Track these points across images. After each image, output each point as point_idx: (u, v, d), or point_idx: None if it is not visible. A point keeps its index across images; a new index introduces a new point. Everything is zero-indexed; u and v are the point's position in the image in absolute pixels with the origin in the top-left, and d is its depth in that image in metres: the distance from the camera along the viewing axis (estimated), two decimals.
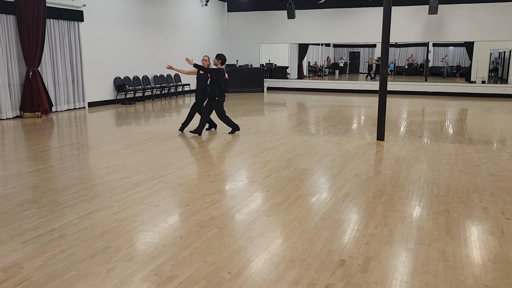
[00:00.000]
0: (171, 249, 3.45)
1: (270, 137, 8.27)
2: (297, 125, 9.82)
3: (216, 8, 19.27)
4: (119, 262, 3.23)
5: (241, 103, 14.39)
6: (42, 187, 5.10)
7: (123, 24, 13.98)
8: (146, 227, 3.90)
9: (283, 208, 4.41)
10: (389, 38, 7.65)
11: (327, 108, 13.08)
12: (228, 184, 5.28)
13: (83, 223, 3.97)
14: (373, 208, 4.42)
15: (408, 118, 10.94)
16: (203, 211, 4.30)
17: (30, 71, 10.72)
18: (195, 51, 17.93)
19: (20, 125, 9.75)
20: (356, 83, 19.82)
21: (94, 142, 7.86)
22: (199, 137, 8.25)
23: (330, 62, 27.03)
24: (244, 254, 3.38)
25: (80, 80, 12.55)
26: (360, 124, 10.24)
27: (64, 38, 11.93)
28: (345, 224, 3.98)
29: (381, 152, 7.11)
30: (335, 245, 3.53)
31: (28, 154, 6.80)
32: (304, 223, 4.01)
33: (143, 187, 5.07)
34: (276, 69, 20.79)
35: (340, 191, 4.96)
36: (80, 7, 12.21)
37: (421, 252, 3.42)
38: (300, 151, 7.07)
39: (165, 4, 15.99)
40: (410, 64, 26.11)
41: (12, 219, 4.08)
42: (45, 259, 3.27)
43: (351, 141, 7.96)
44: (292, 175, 5.67)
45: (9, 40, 10.47)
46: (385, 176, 5.59)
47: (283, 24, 18.85)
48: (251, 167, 6.10)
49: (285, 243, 3.58)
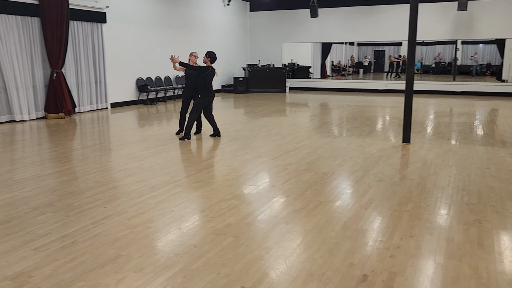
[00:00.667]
0: (184, 259, 3.31)
1: (291, 139, 8.07)
2: (319, 127, 9.57)
3: (238, 8, 19.16)
4: (129, 272, 3.11)
5: (262, 103, 14.22)
6: (59, 190, 5.05)
7: (146, 25, 14.03)
8: (159, 234, 3.77)
9: (303, 216, 4.21)
10: (415, 36, 7.32)
11: (350, 109, 12.76)
12: (246, 189, 5.12)
13: (96, 229, 3.88)
14: (398, 217, 4.16)
15: (435, 119, 10.52)
16: (219, 218, 4.15)
17: (54, 73, 10.85)
18: (216, 51, 17.83)
19: (44, 126, 9.86)
20: (381, 82, 19.35)
21: (114, 143, 7.84)
22: (218, 139, 8.11)
23: (354, 61, 26.55)
24: (259, 265, 3.21)
25: (103, 81, 12.65)
26: (385, 125, 9.90)
27: (87, 39, 12.03)
28: (367, 234, 3.75)
29: (407, 155, 6.80)
30: (356, 258, 3.31)
31: (49, 156, 6.81)
32: (324, 232, 3.80)
33: (159, 191, 4.96)
34: (298, 68, 20.53)
35: (362, 198, 4.72)
36: (103, 9, 12.29)
37: (451, 267, 3.16)
38: (322, 154, 6.84)
39: (187, 5, 15.97)
40: (437, 62, 25.37)
41: (26, 224, 4.03)
42: (55, 268, 3.18)
43: (375, 143, 7.67)
44: (313, 179, 5.46)
45: (33, 42, 10.61)
46: (411, 182, 5.31)
47: (306, 23, 18.57)
48: (271, 170, 5.92)
49: (303, 254, 3.38)
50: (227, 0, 18.03)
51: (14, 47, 10.12)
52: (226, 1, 18.04)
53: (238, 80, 17.91)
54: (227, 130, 9.11)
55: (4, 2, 9.74)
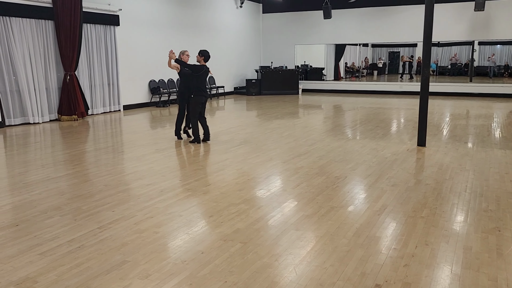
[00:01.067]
0: (191, 265, 3.23)
1: (303, 142, 7.95)
2: (332, 129, 9.43)
3: (251, 10, 19.11)
4: (135, 279, 3.04)
5: (275, 105, 14.12)
6: (68, 193, 5.03)
7: (158, 27, 14.06)
8: (166, 240, 3.70)
9: (313, 221, 4.10)
10: (431, 37, 7.15)
11: (364, 111, 12.58)
12: (256, 193, 5.02)
13: (103, 234, 3.83)
14: (413, 223, 4.02)
15: (451, 122, 10.29)
16: (228, 223, 4.06)
17: (68, 75, 10.92)
18: (229, 53, 17.84)
19: (57, 128, 9.92)
20: (395, 84, 19.08)
21: (125, 146, 7.83)
22: (229, 142, 8.04)
23: (368, 63, 26.28)
24: (267, 274, 3.11)
25: (116, 83, 12.70)
26: (400, 128, 9.71)
27: (100, 42, 12.09)
28: (381, 242, 3.62)
29: (422, 159, 6.63)
30: (369, 267, 3.19)
31: (60, 158, 6.82)
32: (336, 239, 3.69)
33: (168, 195, 4.90)
34: (311, 70, 20.37)
35: (376, 203, 4.59)
36: (116, 12, 12.35)
37: (468, 278, 3.02)
38: (334, 157, 6.71)
39: (200, 7, 15.97)
40: (453, 64, 24.93)
41: (34, 228, 4.00)
42: (60, 273, 3.13)
43: (389, 146, 7.50)
44: (324, 183, 5.34)
45: (47, 45, 10.70)
46: (427, 187, 5.15)
47: (319, 24, 18.42)
48: (281, 174, 5.81)
49: (313, 262, 3.27)
50: (239, 2, 18.00)
51: (28, 50, 10.22)
52: (239, 3, 18.02)
53: (251, 82, 17.85)
54: (238, 132, 9.03)
55: (19, 5, 9.84)
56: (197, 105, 7.79)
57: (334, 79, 22.20)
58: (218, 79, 17.10)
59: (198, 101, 7.77)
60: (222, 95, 17.49)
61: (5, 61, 9.82)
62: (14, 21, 9.85)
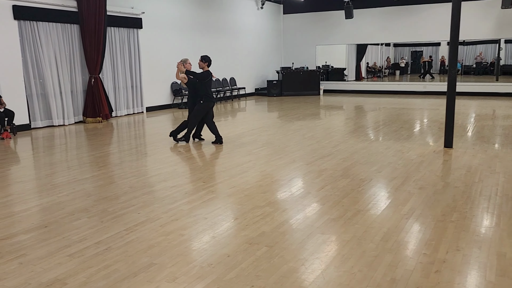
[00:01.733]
0: (217, 269, 3.22)
1: (326, 144, 7.87)
2: (355, 130, 9.31)
3: (272, 11, 19.08)
4: (162, 282, 3.04)
5: (296, 106, 14.05)
6: (94, 195, 5.10)
7: (180, 30, 14.18)
8: (192, 242, 3.71)
9: (340, 225, 4.04)
10: (458, 36, 6.98)
11: (387, 112, 12.39)
12: (280, 195, 4.99)
13: (129, 236, 3.86)
14: (442, 228, 3.92)
15: (478, 122, 10.03)
16: (253, 226, 4.04)
17: (92, 78, 11.11)
18: (250, 54, 17.86)
19: (82, 130, 10.11)
20: (419, 84, 18.75)
21: (148, 147, 7.90)
22: (252, 144, 8.02)
23: (390, 63, 25.90)
24: (295, 278, 3.07)
25: (139, 85, 12.87)
26: (425, 129, 9.51)
27: (124, 45, 12.27)
28: (410, 247, 3.54)
29: (450, 161, 6.47)
30: (399, 273, 3.11)
31: (86, 160, 6.93)
32: (363, 243, 3.62)
33: (192, 197, 4.92)
34: (333, 71, 20.21)
35: (403, 207, 4.49)
36: (139, 15, 12.51)
37: (503, 286, 2.92)
38: (358, 159, 6.62)
39: (221, 9, 16.04)
40: (478, 63, 24.35)
41: (62, 229, 4.07)
42: (89, 275, 3.16)
43: (414, 148, 7.36)
44: (349, 186, 5.26)
45: (73, 48, 10.92)
46: (456, 190, 5.02)
47: (341, 24, 18.26)
48: (305, 176, 5.76)
49: (341, 267, 3.22)
50: (260, 4, 18.00)
51: (54, 54, 10.44)
52: (260, 5, 18.02)
53: (272, 83, 17.81)
54: (260, 134, 9.01)
55: (46, 10, 10.06)
56: (205, 110, 7.84)
57: (355, 80, 21.96)
58: (239, 80, 17.13)
59: (207, 106, 7.83)
60: (243, 96, 17.51)
61: (32, 65, 10.06)
62: (41, 26, 10.08)
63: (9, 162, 6.90)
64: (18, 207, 4.72)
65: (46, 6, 10.06)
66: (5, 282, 3.09)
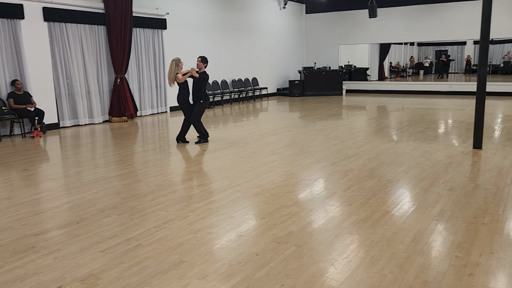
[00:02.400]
0: (246, 267, 3.24)
1: (351, 144, 7.80)
2: (379, 131, 9.20)
3: (294, 10, 19.03)
4: (192, 279, 3.08)
5: (318, 106, 13.97)
6: (123, 192, 5.19)
7: (203, 30, 14.29)
8: (220, 240, 3.74)
9: (368, 226, 4.00)
10: (489, 34, 6.81)
11: (411, 112, 12.19)
12: (307, 195, 4.97)
13: (158, 233, 3.92)
14: (474, 230, 3.84)
15: (507, 123, 9.77)
16: (280, 225, 4.04)
17: (118, 78, 11.31)
18: (272, 54, 17.85)
19: (108, 129, 10.30)
20: (444, 84, 18.38)
21: (173, 147, 7.99)
22: (276, 143, 8.02)
23: (414, 62, 25.46)
24: (325, 279, 3.06)
25: (163, 85, 13.03)
26: (452, 129, 9.33)
27: (148, 45, 12.45)
28: (441, 249, 3.48)
29: (479, 162, 6.33)
30: (431, 275, 3.06)
31: (113, 159, 7.07)
32: (393, 245, 3.58)
33: (218, 196, 4.95)
34: (355, 70, 20.01)
35: (433, 208, 4.42)
36: (163, 15, 12.67)
37: None
38: (384, 160, 6.54)
39: (244, 9, 16.09)
40: (506, 62, 23.67)
41: (94, 225, 4.16)
42: (121, 271, 3.22)
43: (442, 149, 7.22)
44: (376, 187, 5.21)
45: (99, 49, 11.14)
46: (487, 192, 4.91)
47: (364, 23, 18.07)
48: (331, 176, 5.73)
49: (371, 268, 3.19)
50: (283, 3, 17.98)
51: (82, 54, 10.67)
52: (282, 4, 18.00)
53: (294, 83, 17.77)
54: (284, 134, 9.01)
55: (74, 12, 10.29)
56: (204, 108, 8.18)
57: (378, 79, 21.69)
58: (261, 80, 17.15)
59: (206, 105, 8.16)
60: (265, 96, 17.52)
61: (61, 65, 10.31)
62: (70, 27, 10.32)
63: (40, 160, 7.09)
64: (50, 203, 4.85)
65: (74, 8, 10.29)
66: (41, 276, 3.18)
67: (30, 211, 4.60)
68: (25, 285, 3.05)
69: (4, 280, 3.13)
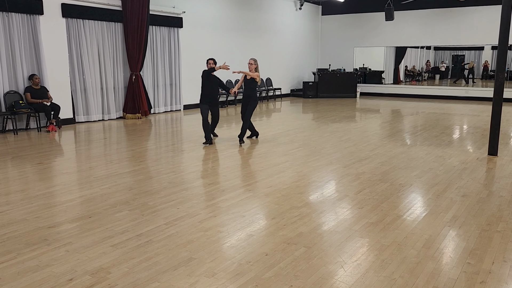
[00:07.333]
0: (255, 267, 3.24)
1: (363, 147, 7.75)
2: (393, 134, 9.12)
3: (310, 12, 18.98)
4: (201, 277, 3.09)
5: (332, 108, 13.91)
6: (135, 188, 5.24)
7: (219, 29, 14.33)
8: (230, 239, 3.74)
9: (379, 229, 3.97)
10: (507, 39, 6.70)
11: (426, 116, 12.06)
12: (318, 196, 4.96)
13: (169, 230, 3.94)
14: (488, 237, 3.78)
15: None
16: (290, 226, 4.04)
17: (133, 75, 11.41)
18: (287, 55, 17.83)
19: (122, 125, 10.40)
20: (460, 89, 18.13)
21: (186, 144, 8.04)
22: (288, 144, 8.01)
23: (430, 66, 25.19)
24: (334, 281, 3.04)
25: (178, 83, 13.11)
26: (467, 135, 9.20)
27: (164, 43, 12.53)
28: (453, 255, 3.44)
29: (494, 169, 6.23)
30: (442, 281, 3.03)
31: (126, 155, 7.13)
32: (404, 249, 3.54)
33: (230, 195, 4.96)
34: (370, 73, 19.87)
35: (446, 214, 4.36)
36: (180, 14, 12.74)
37: None
38: (397, 164, 6.48)
39: (260, 9, 16.10)
40: None
41: (105, 220, 4.20)
42: (131, 266, 3.25)
43: (456, 154, 7.13)
44: (388, 191, 5.16)
45: (116, 46, 11.25)
46: (501, 199, 4.83)
47: (380, 26, 17.93)
48: (343, 179, 5.70)
49: (381, 272, 3.16)
50: (299, 4, 17.94)
51: (98, 51, 10.79)
52: (298, 5, 17.96)
53: (308, 85, 17.72)
54: (296, 135, 8.99)
55: (92, 8, 10.42)
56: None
57: (393, 83, 21.50)
58: (275, 81, 17.14)
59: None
60: (279, 97, 17.50)
61: (77, 61, 10.44)
62: (87, 24, 10.44)
63: (54, 154, 7.19)
64: (63, 197, 4.91)
65: (92, 4, 10.42)
66: (53, 268, 3.23)
67: (43, 204, 4.67)
68: (37, 277, 3.09)
69: (17, 271, 3.18)
